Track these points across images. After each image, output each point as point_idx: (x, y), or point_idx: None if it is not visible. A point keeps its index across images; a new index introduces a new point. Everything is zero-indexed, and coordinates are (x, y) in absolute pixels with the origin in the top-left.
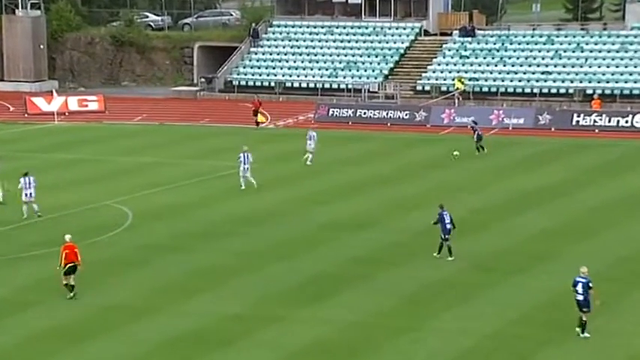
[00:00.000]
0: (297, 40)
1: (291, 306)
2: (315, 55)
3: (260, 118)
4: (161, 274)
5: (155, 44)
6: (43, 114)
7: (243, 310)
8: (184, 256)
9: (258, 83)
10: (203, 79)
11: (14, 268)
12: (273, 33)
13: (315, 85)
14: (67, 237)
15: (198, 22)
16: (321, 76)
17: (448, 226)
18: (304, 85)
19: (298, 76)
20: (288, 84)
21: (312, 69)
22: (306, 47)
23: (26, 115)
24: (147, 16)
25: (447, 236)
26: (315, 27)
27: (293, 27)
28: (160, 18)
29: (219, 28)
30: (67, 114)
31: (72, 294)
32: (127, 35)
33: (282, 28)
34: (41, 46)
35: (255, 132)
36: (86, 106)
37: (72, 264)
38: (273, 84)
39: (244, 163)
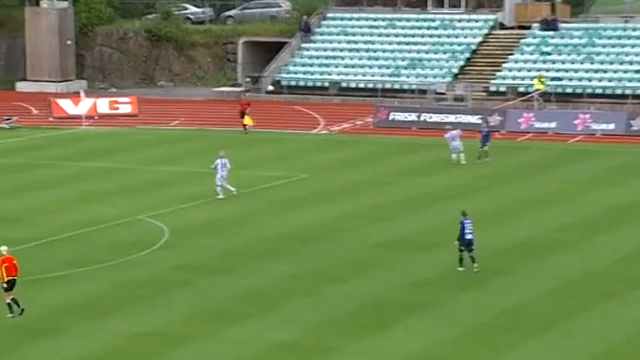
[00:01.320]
0: (354, 35)
1: (347, 335)
2: (375, 52)
3: (247, 120)
4: (201, 298)
5: (195, 40)
6: (69, 117)
7: (293, 338)
8: (227, 277)
9: (309, 83)
10: (248, 79)
11: (39, 290)
12: (327, 27)
13: (375, 85)
14: (3, 248)
15: (242, 14)
16: (382, 76)
17: (468, 237)
18: (362, 85)
19: (355, 75)
20: (344, 84)
21: (370, 67)
22: (365, 43)
23: (51, 119)
24: (186, 8)
25: (466, 247)
26: (374, 20)
27: (350, 20)
28: (200, 10)
29: (266, 21)
30: (96, 117)
31: (20, 309)
32: (163, 29)
33: (338, 22)
34: (68, 42)
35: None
36: (117, 108)
37: (13, 278)
38: (326, 84)
39: (221, 170)
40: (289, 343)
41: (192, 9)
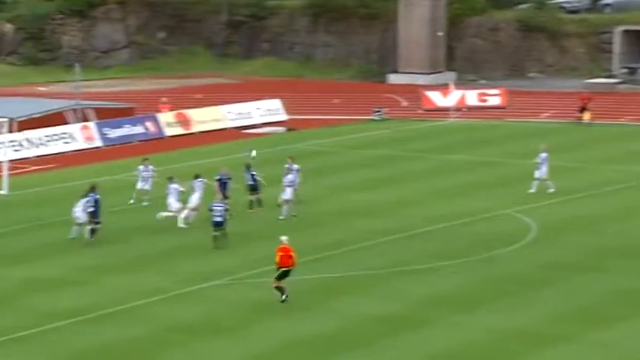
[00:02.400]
0: None
1: None
2: None
3: (586, 115)
4: (570, 297)
5: (568, 29)
6: (438, 110)
7: None
8: (598, 276)
9: None
10: (625, 70)
11: (406, 281)
12: None
13: None
14: (284, 238)
15: (621, 2)
16: None
17: None
18: None
19: None
20: None
21: None
22: None
23: (420, 111)
24: None
25: None
26: None
27: None
28: None
29: None
30: (464, 110)
31: (283, 298)
32: (536, 19)
33: None
34: (439, 34)
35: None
36: (486, 100)
37: (285, 268)
38: None
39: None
40: None
41: None
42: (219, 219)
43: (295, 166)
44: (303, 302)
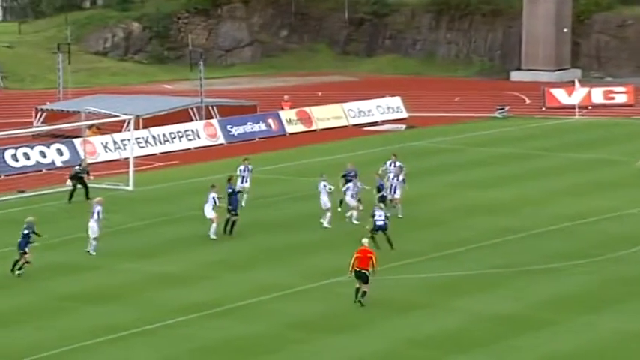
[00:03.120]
0: None
1: None
2: None
3: None
4: None
5: None
6: (562, 107)
7: None
8: None
9: None
10: None
11: (529, 281)
12: None
13: None
14: (364, 240)
15: None
16: None
17: None
18: None
19: None
20: None
21: None
22: None
23: (544, 109)
24: None
25: None
26: None
27: None
28: None
29: None
30: (589, 107)
31: (360, 299)
32: None
33: None
34: (565, 30)
35: None
36: (612, 98)
37: (362, 270)
38: None
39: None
40: None
41: None
42: (381, 222)
43: (398, 164)
44: (425, 300)
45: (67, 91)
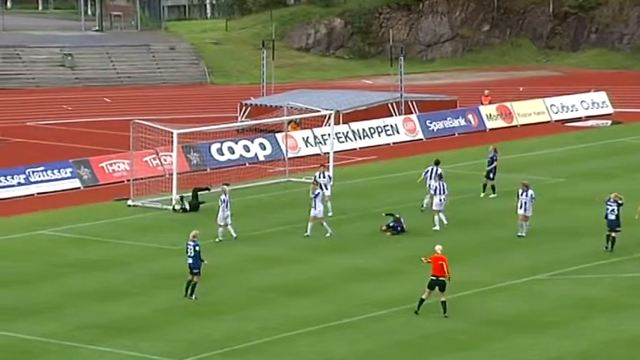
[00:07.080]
0: None
1: None
2: None
3: None
4: None
5: None
6: None
7: None
8: None
9: None
10: None
11: None
12: None
13: None
14: (438, 247)
15: None
16: None
17: None
18: None
19: None
20: None
21: None
22: None
23: None
24: None
25: None
26: None
27: None
28: None
29: None
30: None
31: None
32: None
33: None
34: None
35: None
36: None
37: (438, 278)
38: None
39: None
40: None
41: None
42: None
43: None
44: (623, 301)
45: (270, 87)
